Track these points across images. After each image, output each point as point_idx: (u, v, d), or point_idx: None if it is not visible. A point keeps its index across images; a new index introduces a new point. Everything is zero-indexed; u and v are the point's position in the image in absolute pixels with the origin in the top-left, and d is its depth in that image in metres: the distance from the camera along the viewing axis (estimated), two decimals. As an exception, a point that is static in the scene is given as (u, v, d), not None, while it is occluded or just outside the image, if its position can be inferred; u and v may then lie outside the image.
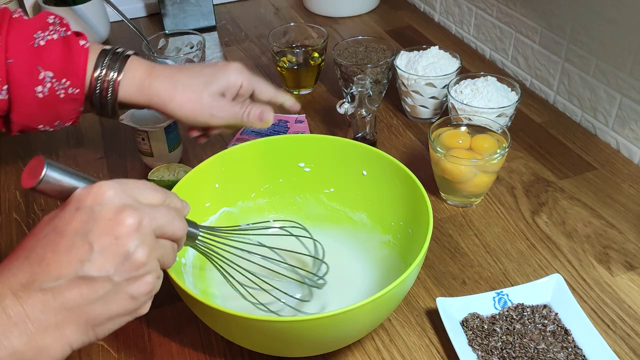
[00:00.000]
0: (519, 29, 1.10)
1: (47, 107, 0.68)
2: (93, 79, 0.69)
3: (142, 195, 0.48)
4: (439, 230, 0.82)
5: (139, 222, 0.45)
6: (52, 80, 0.67)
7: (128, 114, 0.90)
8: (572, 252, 0.78)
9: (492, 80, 0.93)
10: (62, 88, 0.68)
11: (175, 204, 0.51)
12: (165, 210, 0.48)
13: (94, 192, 0.45)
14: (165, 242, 0.49)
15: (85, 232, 0.44)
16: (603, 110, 0.96)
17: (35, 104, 0.67)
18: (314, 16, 1.39)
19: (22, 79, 0.66)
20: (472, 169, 0.80)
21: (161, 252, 0.48)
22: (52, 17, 0.69)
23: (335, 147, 0.75)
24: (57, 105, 0.69)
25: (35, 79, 0.66)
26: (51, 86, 0.67)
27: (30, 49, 0.66)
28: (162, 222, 0.47)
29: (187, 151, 0.97)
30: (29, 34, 0.66)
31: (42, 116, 0.69)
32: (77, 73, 0.68)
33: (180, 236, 0.50)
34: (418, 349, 0.67)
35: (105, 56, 0.69)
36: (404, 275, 0.56)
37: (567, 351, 0.64)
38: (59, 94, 0.68)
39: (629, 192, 0.87)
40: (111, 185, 0.46)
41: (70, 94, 0.68)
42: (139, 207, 0.46)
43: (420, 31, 1.32)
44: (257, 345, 0.62)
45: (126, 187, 0.47)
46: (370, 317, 0.59)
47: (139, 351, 0.68)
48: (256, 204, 0.78)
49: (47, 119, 0.70)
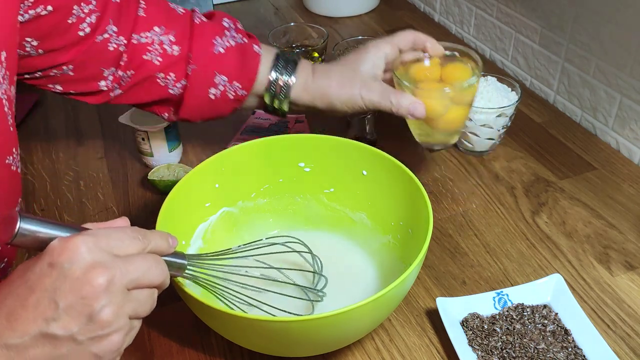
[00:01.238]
0: (519, 29, 1.10)
1: (214, 105, 0.77)
2: (269, 81, 0.76)
3: (118, 246, 0.46)
4: (439, 230, 0.82)
5: (109, 280, 0.44)
6: (225, 84, 0.74)
7: (128, 114, 0.90)
8: (572, 252, 0.78)
9: (492, 80, 0.93)
10: (232, 90, 0.76)
11: (157, 246, 0.50)
12: (141, 261, 0.47)
13: (67, 247, 0.44)
14: (140, 294, 0.47)
15: (54, 289, 0.43)
16: (603, 110, 0.96)
17: (205, 104, 0.76)
18: (314, 16, 1.39)
19: (200, 83, 0.74)
20: (443, 101, 0.73)
21: (134, 306, 0.46)
22: (227, 21, 0.77)
23: (335, 147, 0.75)
24: (222, 104, 0.77)
25: (211, 82, 0.75)
26: (224, 89, 0.75)
27: (210, 55, 0.74)
28: (136, 275, 0.46)
29: (187, 151, 0.97)
30: (209, 40, 0.74)
31: (206, 112, 0.78)
32: (250, 77, 0.76)
33: (158, 283, 0.49)
34: (418, 349, 0.67)
35: (279, 60, 0.77)
36: (404, 275, 0.56)
37: (567, 351, 0.64)
38: (228, 95, 0.76)
39: (629, 192, 0.87)
40: (84, 239, 0.45)
41: (239, 95, 0.76)
42: (110, 263, 0.45)
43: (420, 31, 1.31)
44: (257, 345, 0.62)
45: (101, 240, 0.45)
46: (370, 317, 0.59)
47: (139, 351, 0.68)
48: (256, 204, 0.78)
49: (208, 114, 0.79)
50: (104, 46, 0.70)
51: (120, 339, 0.46)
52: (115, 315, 0.45)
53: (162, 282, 0.49)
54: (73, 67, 0.70)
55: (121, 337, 0.46)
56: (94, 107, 1.08)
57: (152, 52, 0.72)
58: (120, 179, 0.93)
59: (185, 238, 0.71)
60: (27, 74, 0.70)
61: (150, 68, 0.73)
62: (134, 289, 0.47)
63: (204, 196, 0.73)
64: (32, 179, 0.94)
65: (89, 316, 0.44)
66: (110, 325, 0.44)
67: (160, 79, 0.73)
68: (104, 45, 0.70)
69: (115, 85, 0.73)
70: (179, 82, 0.74)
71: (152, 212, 0.64)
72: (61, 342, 0.43)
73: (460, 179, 0.91)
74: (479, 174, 0.91)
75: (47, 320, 0.43)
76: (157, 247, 0.50)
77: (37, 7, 0.63)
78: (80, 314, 0.43)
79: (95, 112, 1.08)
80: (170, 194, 0.67)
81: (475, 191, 0.88)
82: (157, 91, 0.75)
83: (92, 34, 0.69)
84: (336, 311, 0.53)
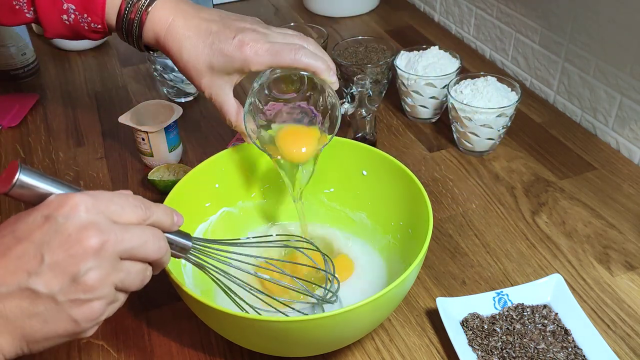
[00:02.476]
0: (519, 29, 1.10)
1: (75, 31, 0.73)
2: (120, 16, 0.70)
3: (118, 212, 0.45)
4: (439, 230, 0.82)
5: (101, 244, 0.42)
6: (74, 13, 0.70)
7: (128, 114, 0.90)
8: (572, 252, 0.78)
9: (492, 80, 0.93)
10: (84, 21, 0.71)
11: (160, 220, 0.48)
12: (140, 232, 0.45)
13: (66, 202, 0.43)
14: (132, 266, 0.45)
15: (42, 242, 0.42)
16: (603, 110, 0.96)
17: (64, 28, 0.72)
18: (314, 16, 1.39)
19: (47, 6, 0.70)
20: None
21: (122, 277, 0.45)
22: None
23: (335, 147, 0.75)
24: (84, 33, 0.73)
25: (60, 9, 0.70)
26: (75, 17, 0.71)
27: None
28: (131, 245, 0.44)
29: (187, 151, 0.97)
30: None
31: (69, 35, 0.74)
32: (96, 11, 0.70)
33: (155, 258, 0.47)
34: (418, 349, 0.67)
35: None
36: (404, 275, 0.56)
37: (567, 351, 0.64)
38: (83, 26, 0.71)
39: (629, 192, 0.87)
40: (85, 199, 0.43)
41: (93, 27, 0.72)
42: (106, 227, 0.43)
43: (420, 31, 1.32)
44: (257, 345, 0.62)
45: (101, 203, 0.44)
46: (370, 317, 0.59)
47: (139, 351, 0.68)
48: (256, 204, 0.78)
49: (78, 38, 0.75)
50: None
51: (101, 308, 0.44)
52: (100, 281, 0.43)
53: (159, 258, 0.47)
54: None
55: (102, 306, 0.44)
56: (94, 107, 1.08)
57: None
58: (120, 179, 0.93)
59: (185, 238, 0.71)
60: None
61: None
62: (127, 260, 0.45)
63: (204, 196, 0.73)
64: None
65: (73, 277, 0.42)
66: (93, 290, 0.43)
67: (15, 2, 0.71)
68: None
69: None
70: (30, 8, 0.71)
71: (152, 212, 0.64)
72: (40, 299, 0.42)
73: (460, 179, 0.91)
74: (479, 174, 0.91)
75: (29, 274, 0.41)
76: (159, 220, 0.48)
77: None
78: (64, 273, 0.42)
79: (95, 112, 1.08)
80: (170, 194, 0.67)
81: (475, 191, 0.88)
82: (19, 16, 0.72)
83: None
84: (336, 311, 0.53)
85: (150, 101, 0.93)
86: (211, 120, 1.01)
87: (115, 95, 1.12)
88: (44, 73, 1.19)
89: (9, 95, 1.13)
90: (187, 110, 1.04)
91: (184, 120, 0.95)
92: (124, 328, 0.70)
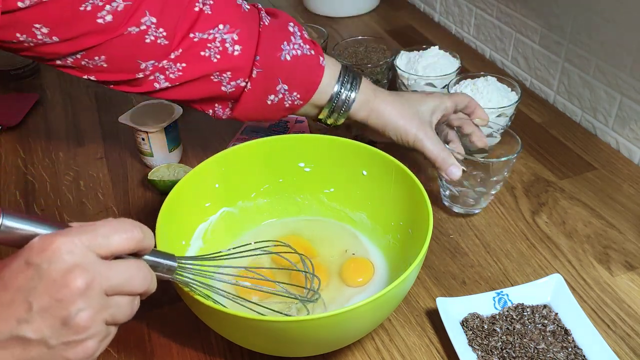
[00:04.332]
0: (519, 29, 1.10)
1: (267, 110, 0.76)
2: (331, 95, 0.76)
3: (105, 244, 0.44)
4: (439, 230, 0.82)
5: (87, 284, 0.42)
6: (284, 92, 0.74)
7: (128, 114, 0.90)
8: (572, 252, 0.78)
9: (492, 80, 0.93)
10: (290, 99, 0.75)
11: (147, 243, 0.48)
12: (124, 267, 0.45)
13: (48, 246, 0.42)
14: (120, 300, 0.45)
15: (28, 290, 0.41)
16: (603, 110, 0.96)
17: (260, 107, 0.75)
18: (314, 16, 1.39)
19: (261, 87, 0.73)
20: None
21: (112, 312, 0.45)
22: (292, 26, 0.75)
23: (335, 147, 0.75)
24: (276, 111, 0.76)
25: (273, 89, 0.74)
26: (282, 97, 0.74)
27: (277, 62, 0.72)
28: (117, 282, 0.45)
29: (187, 151, 0.97)
30: (277, 45, 0.72)
31: (257, 115, 0.77)
32: (310, 88, 0.75)
33: (142, 291, 0.47)
34: (418, 349, 0.67)
35: (344, 75, 0.76)
36: (404, 275, 0.56)
37: (567, 351, 0.64)
38: (285, 104, 0.75)
39: (629, 192, 0.87)
40: (67, 241, 0.43)
41: (295, 105, 0.76)
42: (90, 266, 0.43)
43: (420, 31, 1.32)
44: (257, 345, 0.62)
45: (85, 238, 0.43)
46: (370, 317, 0.59)
47: (139, 351, 0.68)
48: (256, 204, 0.78)
49: (258, 117, 0.78)
50: (140, 38, 0.67)
51: (95, 346, 0.44)
52: (91, 320, 0.43)
53: (146, 290, 0.48)
54: (105, 59, 0.67)
55: (96, 344, 0.44)
56: (94, 107, 1.08)
57: (212, 49, 0.70)
58: (120, 179, 0.93)
59: (185, 238, 0.71)
60: (58, 60, 0.67)
61: (206, 65, 0.70)
62: (114, 295, 0.45)
63: (204, 196, 0.73)
64: (32, 179, 0.94)
65: (63, 320, 0.42)
66: (85, 330, 0.43)
67: (215, 76, 0.71)
68: (140, 37, 0.67)
69: (159, 76, 0.70)
70: (235, 80, 0.72)
71: (152, 212, 0.64)
72: (32, 345, 0.42)
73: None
74: (479, 174, 0.91)
75: (19, 321, 0.41)
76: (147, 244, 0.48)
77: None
78: (54, 317, 0.42)
79: (95, 112, 1.08)
80: (170, 194, 0.67)
81: (475, 191, 0.88)
82: (209, 88, 0.73)
83: (120, 24, 0.65)
84: (336, 311, 0.53)
85: (150, 101, 0.93)
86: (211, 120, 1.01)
87: (115, 95, 1.11)
88: (44, 73, 1.19)
89: (9, 95, 1.13)
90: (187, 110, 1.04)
91: (184, 120, 0.95)
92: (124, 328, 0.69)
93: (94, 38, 0.65)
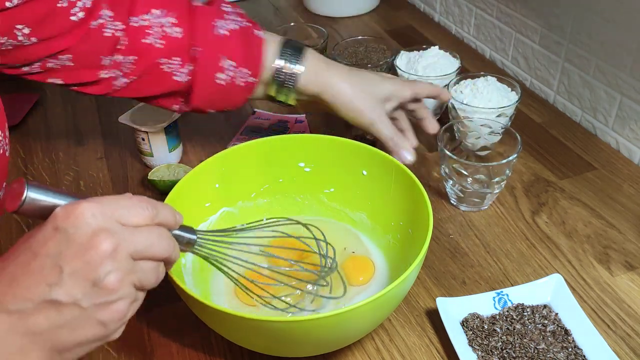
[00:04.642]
0: (519, 29, 1.10)
1: (224, 93, 0.75)
2: (275, 69, 0.74)
3: (125, 216, 0.46)
4: (439, 230, 0.82)
5: (114, 247, 0.43)
6: (233, 69, 0.72)
7: (128, 114, 0.90)
8: (572, 252, 0.78)
9: (492, 80, 0.93)
10: (241, 77, 0.74)
11: (166, 219, 0.49)
12: (147, 233, 0.46)
13: (72, 212, 0.43)
14: (145, 265, 0.47)
15: (57, 254, 0.42)
16: (603, 110, 0.96)
17: (215, 91, 0.74)
18: (314, 16, 1.39)
19: (206, 66, 0.72)
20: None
21: (139, 276, 0.46)
22: (226, 6, 0.75)
23: (335, 147, 0.75)
24: (232, 93, 0.75)
25: (217, 67, 0.72)
26: (232, 75, 0.73)
27: (213, 37, 0.72)
28: (142, 246, 0.46)
29: (187, 151, 0.97)
30: (209, 22, 0.72)
31: (217, 101, 0.76)
32: (256, 63, 0.74)
33: (165, 256, 0.48)
34: (418, 349, 0.67)
35: (286, 46, 0.75)
36: (404, 275, 0.56)
37: (567, 351, 0.64)
38: (238, 83, 0.74)
39: (629, 192, 0.87)
40: (90, 206, 0.44)
41: (249, 82, 0.74)
42: (116, 231, 0.44)
43: (420, 31, 1.32)
44: (257, 345, 0.62)
45: (107, 208, 0.45)
46: (370, 317, 0.59)
47: (139, 351, 0.68)
48: (256, 204, 0.78)
49: (220, 103, 0.77)
50: (100, 32, 0.68)
51: (125, 307, 0.45)
52: (120, 282, 0.44)
53: (169, 256, 0.48)
54: (72, 57, 0.69)
55: (126, 305, 0.45)
56: (94, 107, 1.08)
57: (153, 35, 0.70)
58: (120, 179, 0.93)
59: (185, 238, 0.71)
60: (25, 66, 0.68)
61: (152, 52, 0.71)
62: (139, 260, 0.46)
63: (204, 196, 0.73)
64: (32, 178, 0.94)
65: (93, 282, 0.43)
66: (115, 292, 0.44)
67: (164, 64, 0.71)
68: (100, 31, 0.68)
69: (117, 73, 0.71)
70: (184, 67, 0.72)
71: (152, 212, 0.64)
72: (65, 308, 0.43)
73: (460, 179, 0.90)
74: (479, 174, 0.91)
75: (50, 286, 0.42)
76: (165, 219, 0.49)
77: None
78: (84, 280, 0.43)
79: (95, 112, 1.08)
80: (170, 194, 0.67)
81: (475, 191, 0.88)
82: (164, 81, 0.73)
83: (87, 19, 0.67)
84: (336, 311, 0.53)
85: (150, 101, 0.93)
86: (211, 120, 1.01)
87: (115, 95, 1.12)
88: (44, 73, 1.19)
89: (9, 95, 1.13)
90: (187, 110, 1.05)
91: (184, 120, 0.95)
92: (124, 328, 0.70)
93: (67, 39, 0.67)
